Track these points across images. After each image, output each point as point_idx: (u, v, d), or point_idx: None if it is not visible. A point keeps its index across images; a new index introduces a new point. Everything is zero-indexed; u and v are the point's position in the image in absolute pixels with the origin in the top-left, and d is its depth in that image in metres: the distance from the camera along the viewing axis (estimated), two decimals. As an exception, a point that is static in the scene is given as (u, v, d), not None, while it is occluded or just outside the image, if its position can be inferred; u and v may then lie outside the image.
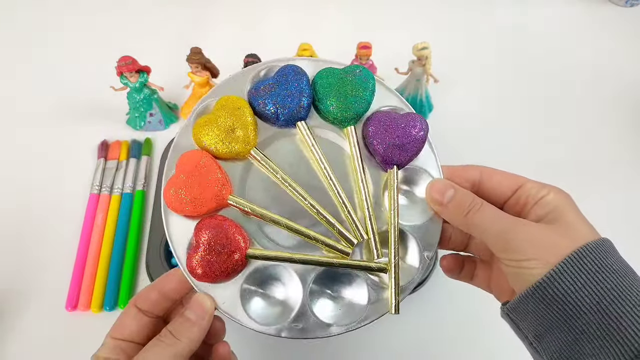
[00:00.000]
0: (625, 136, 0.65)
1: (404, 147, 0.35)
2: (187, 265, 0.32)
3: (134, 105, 0.61)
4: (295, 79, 0.35)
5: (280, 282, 0.34)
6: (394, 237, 0.34)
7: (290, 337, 0.33)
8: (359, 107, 0.35)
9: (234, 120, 0.34)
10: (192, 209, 0.32)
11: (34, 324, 0.51)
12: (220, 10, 0.78)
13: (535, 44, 0.75)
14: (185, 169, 0.33)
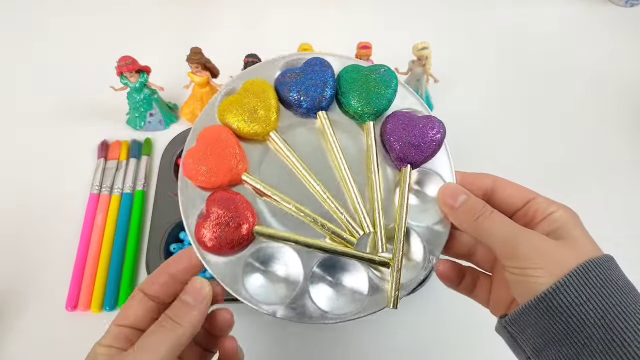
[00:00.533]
0: (626, 136, 0.65)
1: (420, 147, 0.35)
2: (195, 235, 0.33)
3: (134, 105, 0.61)
4: (321, 70, 0.36)
5: (283, 263, 0.34)
6: (400, 233, 0.34)
7: (285, 318, 0.33)
8: (380, 104, 0.36)
9: (257, 102, 0.35)
10: (207, 179, 0.34)
11: (34, 324, 0.51)
12: (220, 11, 0.78)
13: (535, 44, 0.75)
14: (206, 141, 0.34)
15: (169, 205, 0.55)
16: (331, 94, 0.36)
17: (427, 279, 0.52)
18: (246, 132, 0.35)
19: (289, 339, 0.50)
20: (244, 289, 0.33)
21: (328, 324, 0.33)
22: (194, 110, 0.62)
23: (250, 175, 0.35)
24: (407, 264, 0.35)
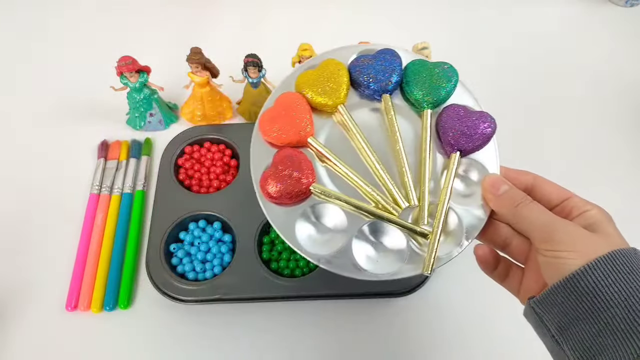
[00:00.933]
0: (626, 136, 0.65)
1: (471, 137, 0.39)
2: (260, 184, 0.38)
3: (134, 105, 0.61)
4: (391, 58, 0.41)
5: (331, 221, 0.38)
6: (443, 208, 0.37)
7: (326, 268, 0.36)
8: (439, 95, 0.40)
9: (331, 78, 0.40)
10: (278, 137, 0.39)
11: (34, 324, 0.51)
12: (220, 10, 0.78)
13: (535, 44, 0.75)
14: (282, 104, 0.40)
15: (169, 205, 0.56)
16: (397, 80, 0.41)
17: (427, 279, 0.52)
18: (317, 103, 0.40)
19: (288, 339, 0.51)
20: (295, 236, 0.37)
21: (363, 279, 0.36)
22: (194, 110, 0.62)
23: (315, 139, 0.39)
24: (444, 239, 0.37)
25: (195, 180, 0.58)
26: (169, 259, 0.53)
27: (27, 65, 0.72)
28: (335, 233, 0.38)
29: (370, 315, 0.52)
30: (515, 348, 0.50)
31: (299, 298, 0.51)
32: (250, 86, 0.59)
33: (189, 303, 0.51)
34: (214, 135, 0.61)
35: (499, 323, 0.52)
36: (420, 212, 0.38)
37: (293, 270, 0.52)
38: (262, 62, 0.57)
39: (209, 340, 0.50)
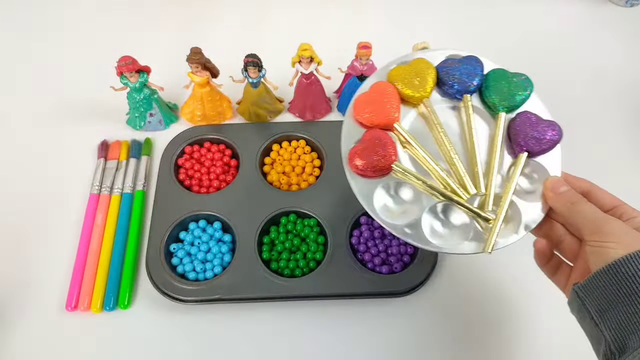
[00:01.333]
0: (626, 136, 0.65)
1: (539, 141, 0.43)
2: (348, 157, 0.43)
3: (134, 105, 0.61)
4: (475, 64, 0.46)
5: (407, 196, 0.43)
6: (507, 197, 0.42)
7: (398, 236, 0.41)
8: (514, 101, 0.45)
9: (420, 74, 0.45)
10: (368, 118, 0.44)
11: (34, 324, 0.51)
12: (220, 11, 0.78)
13: (535, 44, 0.75)
14: (376, 90, 0.45)
15: (169, 205, 0.56)
16: (478, 84, 0.46)
17: (427, 279, 0.52)
18: (405, 94, 0.45)
19: (289, 339, 0.51)
20: (373, 205, 0.42)
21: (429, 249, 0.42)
22: (194, 111, 0.62)
23: (400, 125, 0.44)
24: (504, 226, 0.42)
25: (195, 180, 0.58)
26: (169, 259, 0.53)
27: (27, 65, 0.72)
28: (409, 207, 0.43)
29: (370, 315, 0.52)
30: (515, 347, 0.50)
31: (299, 298, 0.51)
32: (250, 86, 0.60)
33: (189, 303, 0.51)
34: (214, 135, 0.61)
35: (498, 323, 0.52)
36: (487, 200, 0.42)
37: (293, 270, 0.52)
38: (262, 62, 0.57)
39: (209, 340, 0.50)
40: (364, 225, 0.55)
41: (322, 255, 0.53)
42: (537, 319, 0.52)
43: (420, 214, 0.42)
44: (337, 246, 0.52)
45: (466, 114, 0.45)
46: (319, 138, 0.61)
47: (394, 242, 0.53)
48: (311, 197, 0.56)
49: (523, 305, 0.53)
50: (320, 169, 0.60)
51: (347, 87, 0.61)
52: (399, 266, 0.52)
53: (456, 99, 0.46)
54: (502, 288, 0.54)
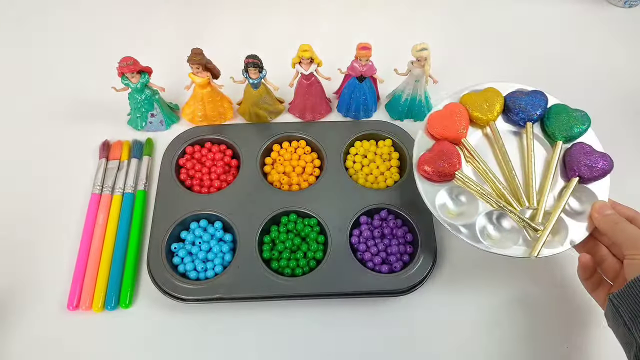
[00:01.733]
0: (625, 137, 0.65)
1: (591, 169, 0.49)
2: (418, 163, 0.51)
3: (135, 105, 0.61)
4: (541, 97, 0.53)
5: (466, 200, 0.50)
6: (557, 213, 0.48)
7: (453, 233, 0.48)
8: (572, 133, 0.52)
9: (489, 100, 0.53)
10: (440, 131, 0.52)
11: (35, 323, 0.51)
12: (221, 11, 0.78)
13: (534, 44, 0.75)
14: (449, 109, 0.53)
15: (170, 205, 0.56)
16: (540, 114, 0.53)
17: (426, 279, 0.52)
18: (474, 116, 0.53)
19: (289, 338, 0.51)
20: (434, 205, 0.49)
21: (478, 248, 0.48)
22: (194, 111, 0.63)
23: (467, 141, 0.52)
24: (551, 238, 0.48)
25: (196, 180, 0.59)
26: (170, 259, 0.53)
27: (28, 65, 0.72)
28: (466, 210, 0.50)
29: (370, 315, 0.52)
30: (515, 347, 0.51)
31: (299, 297, 0.51)
32: (251, 87, 0.60)
33: (190, 302, 0.51)
34: (215, 136, 0.61)
35: (498, 323, 0.52)
36: (537, 213, 0.48)
37: (293, 270, 0.52)
38: (262, 63, 0.57)
39: (210, 339, 0.51)
40: (363, 225, 0.55)
41: (322, 255, 0.53)
42: (538, 317, 0.52)
43: (475, 217, 0.49)
44: (337, 245, 0.53)
45: (527, 139, 0.52)
46: (319, 138, 0.61)
47: (394, 241, 0.54)
48: (311, 196, 0.56)
49: (523, 305, 0.53)
50: (320, 169, 0.60)
51: (346, 87, 0.62)
52: (398, 265, 0.52)
53: (519, 126, 0.54)
54: (500, 289, 0.54)
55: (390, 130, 0.62)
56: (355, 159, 0.60)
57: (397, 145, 0.61)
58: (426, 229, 0.54)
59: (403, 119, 0.66)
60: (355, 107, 0.63)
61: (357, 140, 0.62)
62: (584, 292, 0.48)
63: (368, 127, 0.62)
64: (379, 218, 0.55)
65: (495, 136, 0.53)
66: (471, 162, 0.52)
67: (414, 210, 0.55)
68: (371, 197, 0.56)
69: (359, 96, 0.62)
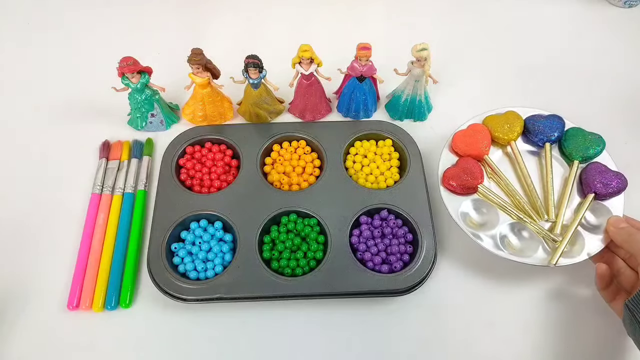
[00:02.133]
0: (624, 137, 0.65)
1: (606, 186, 0.53)
2: (443, 175, 0.55)
3: (135, 105, 0.61)
4: (558, 121, 0.58)
5: (487, 212, 0.54)
6: (574, 225, 0.52)
7: (476, 241, 0.51)
8: (588, 154, 0.56)
9: (510, 121, 0.58)
10: (464, 148, 0.56)
11: (35, 323, 0.51)
12: (221, 11, 0.78)
13: (534, 44, 0.75)
14: (473, 129, 0.58)
15: (170, 205, 0.56)
16: (558, 136, 0.57)
17: (426, 279, 0.52)
18: (495, 135, 0.58)
19: (289, 338, 0.51)
20: (458, 214, 0.53)
21: (499, 256, 0.51)
22: (194, 111, 0.63)
23: (489, 158, 0.57)
24: (569, 249, 0.51)
25: (196, 180, 0.59)
26: (170, 258, 0.53)
27: (27, 65, 0.72)
28: (488, 220, 0.53)
29: (371, 314, 0.52)
30: (515, 347, 0.51)
31: (299, 297, 0.51)
32: (251, 87, 0.60)
33: (190, 302, 0.51)
34: (215, 136, 0.62)
35: (498, 323, 0.52)
36: (556, 225, 0.52)
37: (294, 270, 0.52)
38: (262, 63, 0.57)
39: (210, 339, 0.51)
40: (364, 225, 0.55)
41: (322, 255, 0.53)
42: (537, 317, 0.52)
43: (496, 227, 0.52)
44: (337, 245, 0.53)
45: (546, 158, 0.57)
46: (319, 138, 0.61)
47: (394, 241, 0.54)
48: (311, 196, 0.56)
49: (522, 304, 0.53)
50: (320, 169, 0.60)
51: (346, 87, 0.62)
52: (399, 265, 0.52)
53: (538, 146, 0.58)
54: (500, 289, 0.54)
55: (390, 130, 0.62)
56: (355, 159, 0.60)
57: (397, 145, 0.61)
58: (426, 228, 0.54)
59: (403, 119, 0.66)
60: (355, 107, 0.63)
61: (357, 140, 0.62)
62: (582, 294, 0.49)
63: (368, 127, 0.62)
64: (379, 218, 0.55)
65: (515, 154, 0.57)
66: (493, 177, 0.56)
67: (414, 210, 0.55)
68: (371, 197, 0.56)
69: (359, 96, 0.62)
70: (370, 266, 0.52)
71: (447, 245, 0.56)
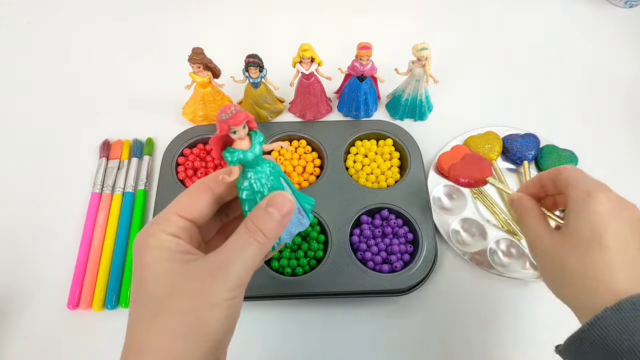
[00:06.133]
0: (625, 136, 0.65)
1: None
2: (449, 173, 0.55)
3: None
4: (534, 140, 0.61)
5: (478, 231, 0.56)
6: None
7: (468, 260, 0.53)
8: None
9: (489, 142, 0.61)
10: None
11: (35, 322, 0.51)
12: (222, 11, 0.78)
13: (535, 44, 0.75)
14: (456, 150, 0.60)
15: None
16: (534, 154, 0.60)
17: (426, 279, 0.52)
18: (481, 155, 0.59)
19: (289, 337, 0.51)
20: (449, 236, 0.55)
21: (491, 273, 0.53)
22: (195, 111, 0.63)
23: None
24: None
25: (196, 179, 0.58)
26: (170, 258, 0.53)
27: (27, 64, 0.72)
28: (477, 240, 0.55)
29: (371, 314, 0.52)
30: (515, 347, 0.51)
31: (300, 297, 0.51)
32: (252, 86, 0.60)
33: (190, 301, 0.51)
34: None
35: (499, 322, 0.52)
36: None
37: (294, 269, 0.52)
38: (263, 63, 0.57)
39: (210, 339, 0.50)
40: (364, 224, 0.55)
41: (322, 254, 0.53)
42: (537, 316, 0.52)
43: (486, 245, 0.54)
44: (337, 245, 0.53)
45: (525, 175, 0.59)
46: (319, 138, 0.61)
47: (395, 240, 0.54)
48: (312, 196, 0.56)
49: (522, 304, 0.53)
50: (320, 169, 0.60)
51: (347, 87, 0.62)
52: (399, 265, 0.52)
53: (516, 164, 0.61)
54: (501, 289, 0.54)
55: (391, 130, 0.62)
56: (356, 158, 0.60)
57: (397, 145, 0.61)
58: (427, 228, 0.54)
59: (404, 118, 0.66)
60: (356, 106, 0.63)
61: (358, 140, 0.62)
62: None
63: (369, 127, 0.62)
64: (380, 217, 0.55)
65: (498, 174, 0.60)
66: (478, 197, 0.58)
67: (414, 209, 0.55)
68: (372, 197, 0.56)
69: (360, 96, 0.62)
70: (370, 266, 0.52)
71: (448, 245, 0.56)
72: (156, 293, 0.27)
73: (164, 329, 0.26)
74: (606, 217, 0.33)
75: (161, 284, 0.27)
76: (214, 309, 0.27)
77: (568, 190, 0.36)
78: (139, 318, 0.27)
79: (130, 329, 0.28)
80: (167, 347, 0.26)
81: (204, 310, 0.27)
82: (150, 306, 0.27)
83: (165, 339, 0.26)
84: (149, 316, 0.27)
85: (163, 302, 0.27)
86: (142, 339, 0.27)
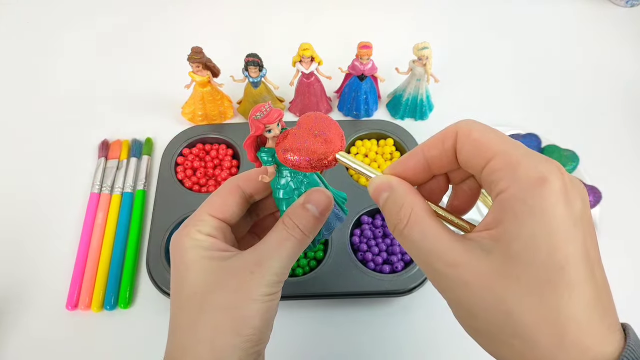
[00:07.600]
0: (625, 136, 0.65)
1: None
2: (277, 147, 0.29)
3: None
4: (535, 139, 0.60)
5: None
6: None
7: None
8: None
9: None
10: None
11: (34, 323, 0.50)
12: (221, 10, 0.78)
13: (535, 44, 0.75)
14: None
15: (169, 204, 0.55)
16: None
17: (426, 282, 0.52)
18: None
19: (288, 338, 0.50)
20: None
21: None
22: (194, 110, 0.62)
23: None
24: None
25: (196, 179, 0.58)
26: (169, 259, 0.52)
27: (26, 64, 0.72)
28: None
29: (372, 315, 0.52)
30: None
31: (300, 297, 0.51)
32: (251, 85, 0.60)
33: (189, 302, 0.51)
34: (215, 135, 0.61)
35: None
36: None
37: (294, 270, 0.52)
38: (262, 62, 0.57)
39: (209, 340, 0.50)
40: (365, 225, 0.55)
41: (323, 255, 0.53)
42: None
43: None
44: (338, 245, 0.52)
45: None
46: (319, 137, 0.60)
47: (396, 241, 0.53)
48: (312, 196, 0.56)
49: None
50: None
51: (347, 86, 0.62)
52: (400, 265, 0.52)
53: None
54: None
55: (392, 130, 0.61)
56: (356, 158, 0.60)
57: (398, 145, 0.61)
58: (428, 228, 0.53)
59: (404, 118, 0.66)
60: (356, 106, 0.63)
61: (358, 140, 0.61)
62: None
63: (369, 127, 0.62)
64: (381, 218, 0.55)
65: None
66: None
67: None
68: (372, 197, 0.56)
69: (360, 95, 0.61)
70: (371, 266, 0.52)
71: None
72: (198, 290, 0.28)
73: (209, 324, 0.27)
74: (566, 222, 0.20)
75: (202, 281, 0.28)
76: (254, 305, 0.27)
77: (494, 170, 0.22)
78: (182, 317, 0.28)
79: (173, 329, 0.29)
80: (212, 342, 0.27)
81: (244, 306, 0.27)
82: (193, 303, 0.28)
83: (209, 334, 0.27)
84: (193, 313, 0.27)
85: (205, 298, 0.27)
86: (187, 335, 0.27)
